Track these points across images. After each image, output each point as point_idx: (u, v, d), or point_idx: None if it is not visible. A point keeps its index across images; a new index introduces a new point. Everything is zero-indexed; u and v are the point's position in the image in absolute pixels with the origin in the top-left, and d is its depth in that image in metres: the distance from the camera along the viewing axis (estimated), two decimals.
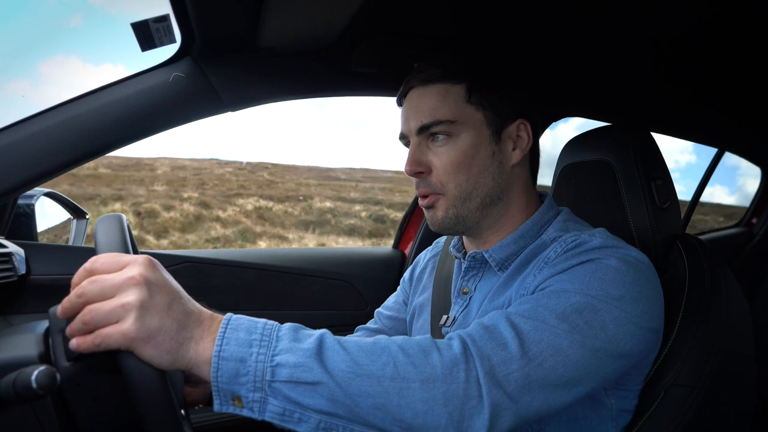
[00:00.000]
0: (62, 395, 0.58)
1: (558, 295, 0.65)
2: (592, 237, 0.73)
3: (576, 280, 0.67)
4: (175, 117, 0.96)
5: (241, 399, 0.53)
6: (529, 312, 0.64)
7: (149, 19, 0.83)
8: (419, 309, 0.98)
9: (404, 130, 0.84)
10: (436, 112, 0.79)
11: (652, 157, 0.93)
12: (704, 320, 0.77)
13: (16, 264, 1.05)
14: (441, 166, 0.79)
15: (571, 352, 0.61)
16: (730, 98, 1.42)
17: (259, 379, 0.53)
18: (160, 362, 0.52)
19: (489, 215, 0.82)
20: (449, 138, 0.79)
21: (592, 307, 0.64)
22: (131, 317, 0.50)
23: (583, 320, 0.63)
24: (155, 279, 0.53)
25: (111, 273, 0.53)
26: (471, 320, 0.82)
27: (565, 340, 0.61)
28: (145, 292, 0.51)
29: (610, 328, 0.63)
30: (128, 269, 0.53)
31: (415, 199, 1.69)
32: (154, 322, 0.51)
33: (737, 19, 0.94)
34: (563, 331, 0.61)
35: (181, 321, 0.53)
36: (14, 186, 0.86)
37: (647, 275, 0.71)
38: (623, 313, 0.65)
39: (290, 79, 1.07)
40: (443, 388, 0.55)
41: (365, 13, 0.83)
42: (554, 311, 0.63)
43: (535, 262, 0.76)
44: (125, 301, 0.50)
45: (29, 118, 0.88)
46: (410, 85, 0.83)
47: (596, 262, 0.68)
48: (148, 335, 0.51)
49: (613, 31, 1.00)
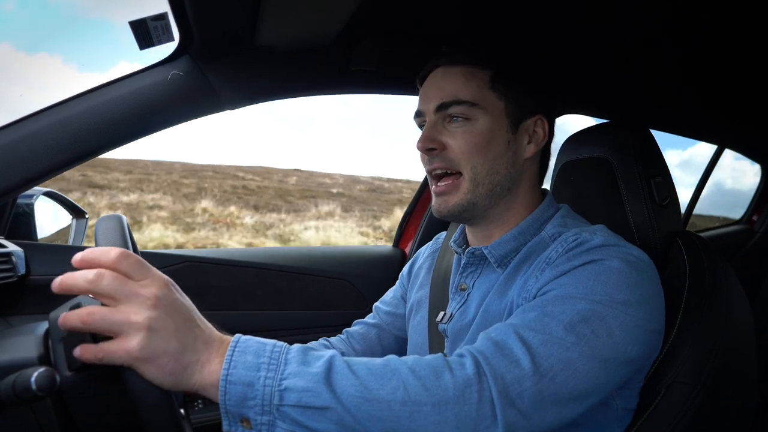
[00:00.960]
0: (64, 402, 0.58)
1: (563, 302, 0.65)
2: (593, 235, 0.73)
3: (579, 284, 0.66)
4: (173, 116, 0.96)
5: (250, 421, 0.53)
6: (536, 324, 0.63)
7: (147, 17, 0.83)
8: (417, 305, 0.98)
9: (422, 107, 0.84)
10: (458, 92, 0.79)
11: (652, 155, 0.93)
12: (705, 317, 0.77)
13: (16, 264, 1.05)
14: (457, 146, 0.79)
15: (580, 365, 0.61)
16: (730, 95, 1.42)
17: (267, 402, 0.52)
18: (162, 383, 0.52)
19: (497, 205, 0.82)
20: (467, 121, 0.79)
21: (597, 314, 0.63)
22: (138, 337, 0.50)
23: (590, 329, 0.62)
24: (169, 301, 0.53)
25: (133, 280, 0.53)
26: (469, 317, 0.82)
27: (574, 353, 0.61)
28: (155, 313, 0.51)
29: (616, 334, 0.63)
30: (147, 285, 0.53)
31: (415, 198, 1.69)
32: (159, 344, 0.51)
33: (737, 16, 0.94)
34: (572, 343, 0.61)
35: (188, 344, 0.53)
36: (13, 185, 0.86)
37: (649, 275, 0.70)
38: (628, 318, 0.65)
39: (288, 77, 1.06)
40: (455, 410, 0.55)
41: (363, 12, 0.83)
42: (561, 322, 0.62)
43: (536, 262, 0.75)
44: (134, 320, 0.50)
45: (27, 117, 0.88)
46: (435, 63, 0.83)
47: (599, 263, 0.68)
48: (152, 356, 0.51)
49: (612, 29, 1.00)
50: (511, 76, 0.81)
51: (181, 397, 0.70)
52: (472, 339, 0.78)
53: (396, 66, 1.10)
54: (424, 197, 1.66)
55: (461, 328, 0.82)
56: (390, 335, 1.04)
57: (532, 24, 0.99)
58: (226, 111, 1.03)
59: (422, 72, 0.86)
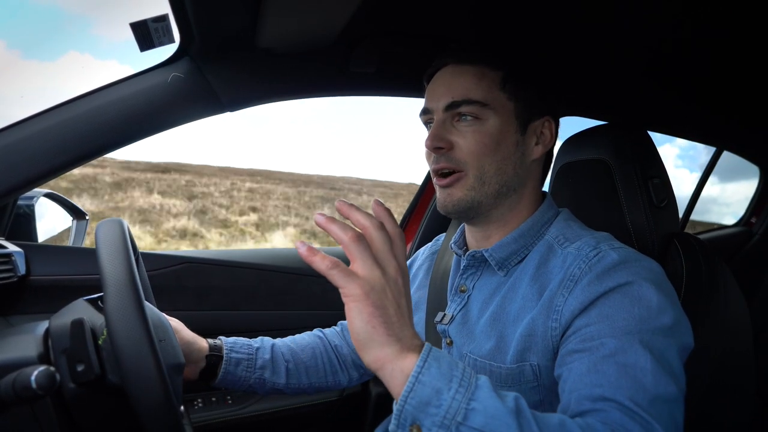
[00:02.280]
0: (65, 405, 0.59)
1: (633, 348, 0.63)
2: (611, 249, 0.72)
3: (627, 315, 0.65)
4: (173, 117, 0.96)
5: (421, 429, 0.51)
6: (626, 383, 0.61)
7: (148, 19, 0.83)
8: (414, 306, 0.97)
9: (430, 105, 0.83)
10: (469, 91, 0.79)
11: (649, 156, 0.94)
12: (701, 318, 0.78)
13: (16, 264, 1.05)
14: (465, 145, 0.79)
15: (675, 409, 0.60)
16: (729, 97, 1.42)
17: (450, 416, 0.50)
18: (360, 330, 0.51)
19: (501, 205, 0.82)
20: (476, 120, 0.79)
21: (658, 351, 0.63)
22: (368, 286, 0.51)
23: (667, 365, 0.62)
24: (399, 286, 0.54)
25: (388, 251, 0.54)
26: (472, 321, 0.81)
27: (672, 404, 0.60)
28: (394, 281, 0.54)
29: (674, 364, 0.64)
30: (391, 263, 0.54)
31: (415, 200, 1.69)
32: (383, 300, 0.52)
33: (736, 18, 0.94)
34: (663, 393, 0.60)
35: (398, 323, 0.53)
36: (14, 186, 0.86)
37: (669, 286, 0.71)
38: (682, 338, 0.66)
39: (289, 79, 1.07)
40: None
41: (363, 14, 0.83)
42: (647, 371, 0.61)
43: (556, 275, 0.74)
44: (371, 276, 0.52)
45: (29, 119, 0.88)
46: (444, 61, 0.83)
47: (633, 286, 0.67)
48: (373, 302, 0.51)
49: (611, 30, 1.01)
50: (523, 77, 0.81)
51: (180, 394, 0.70)
52: (479, 342, 0.78)
53: (396, 67, 1.10)
54: (424, 198, 1.66)
55: (465, 331, 0.82)
56: None
57: (532, 25, 0.99)
58: (227, 113, 1.03)
59: (429, 70, 0.86)
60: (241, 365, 0.90)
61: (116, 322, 0.55)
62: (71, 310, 0.67)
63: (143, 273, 0.91)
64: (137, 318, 0.56)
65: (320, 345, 1.01)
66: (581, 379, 0.64)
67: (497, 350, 0.76)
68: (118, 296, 0.56)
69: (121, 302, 0.56)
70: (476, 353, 0.78)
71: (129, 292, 0.57)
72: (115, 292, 0.57)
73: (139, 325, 0.55)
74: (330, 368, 1.00)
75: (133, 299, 0.57)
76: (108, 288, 0.57)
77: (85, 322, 0.61)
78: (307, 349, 0.99)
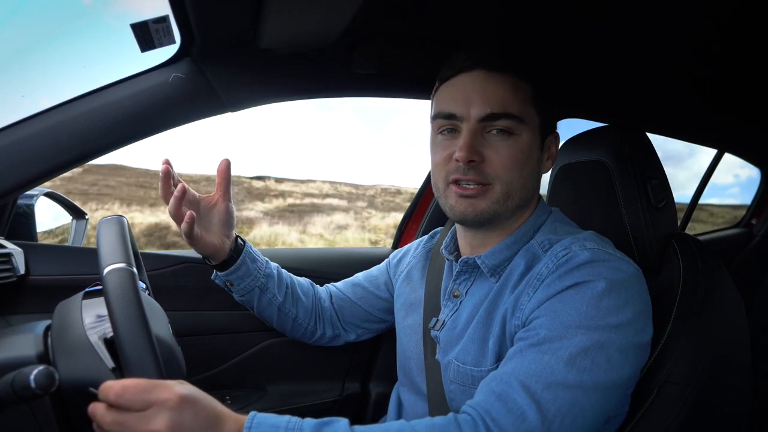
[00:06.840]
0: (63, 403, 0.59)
1: (559, 334, 0.65)
2: (582, 249, 0.72)
3: (572, 310, 0.67)
4: (174, 118, 0.97)
5: None
6: (536, 366, 0.64)
7: (149, 20, 0.83)
8: (409, 307, 0.97)
9: (458, 111, 0.77)
10: (507, 105, 0.76)
11: (647, 157, 0.94)
12: (698, 318, 0.78)
13: (15, 264, 1.05)
14: (498, 160, 0.76)
15: (585, 401, 0.62)
16: (730, 99, 1.42)
17: None
18: None
19: (512, 216, 0.82)
20: (510, 135, 0.77)
21: (595, 342, 0.64)
22: None
23: (589, 360, 0.63)
24: (178, 423, 0.55)
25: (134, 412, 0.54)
26: (460, 326, 0.82)
27: (578, 391, 0.62)
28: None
29: (615, 359, 0.65)
30: (151, 416, 0.54)
31: (415, 201, 1.69)
32: None
33: (737, 20, 0.94)
34: (574, 381, 0.62)
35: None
36: (14, 186, 0.86)
37: (636, 290, 0.71)
38: (624, 339, 0.66)
39: (290, 79, 1.07)
40: None
41: (365, 14, 0.83)
42: (560, 358, 0.63)
43: (527, 278, 0.75)
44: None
45: (29, 118, 0.89)
46: (470, 65, 0.79)
47: (588, 285, 0.68)
48: None
49: (611, 33, 1.01)
50: (546, 91, 0.80)
51: (183, 377, 0.70)
52: (465, 347, 0.79)
53: (399, 69, 1.10)
54: (424, 199, 1.66)
55: (453, 337, 0.82)
56: (360, 309, 1.09)
57: (531, 28, 0.99)
58: (228, 113, 1.03)
59: (448, 71, 0.81)
60: (256, 262, 0.98)
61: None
62: (70, 304, 0.67)
63: (143, 273, 0.91)
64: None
65: (311, 290, 1.09)
66: (502, 367, 0.67)
67: (481, 354, 0.77)
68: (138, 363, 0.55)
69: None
70: (460, 360, 0.79)
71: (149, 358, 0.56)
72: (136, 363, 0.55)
73: None
74: (313, 313, 1.07)
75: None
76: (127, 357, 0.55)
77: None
78: (303, 286, 1.07)
